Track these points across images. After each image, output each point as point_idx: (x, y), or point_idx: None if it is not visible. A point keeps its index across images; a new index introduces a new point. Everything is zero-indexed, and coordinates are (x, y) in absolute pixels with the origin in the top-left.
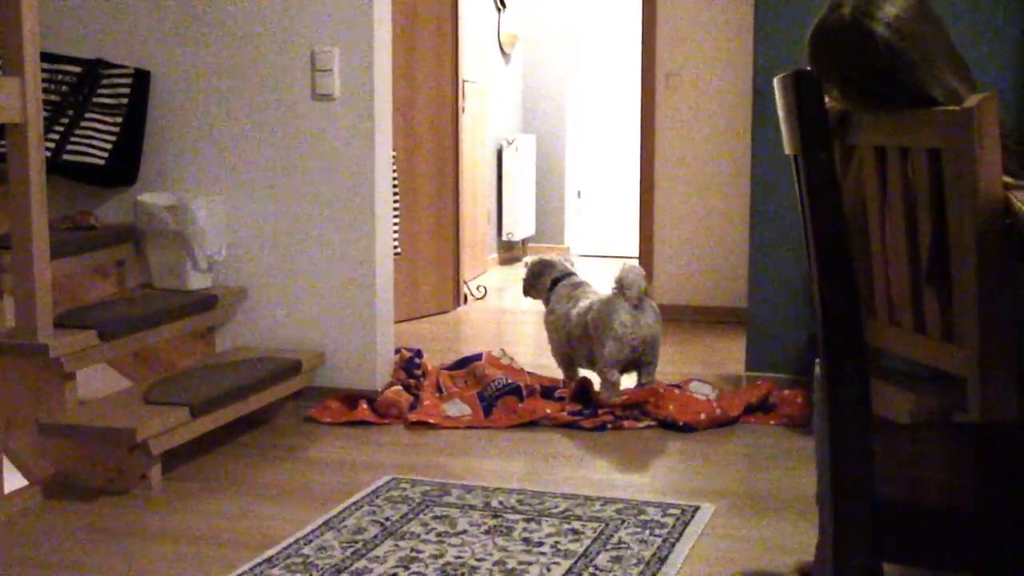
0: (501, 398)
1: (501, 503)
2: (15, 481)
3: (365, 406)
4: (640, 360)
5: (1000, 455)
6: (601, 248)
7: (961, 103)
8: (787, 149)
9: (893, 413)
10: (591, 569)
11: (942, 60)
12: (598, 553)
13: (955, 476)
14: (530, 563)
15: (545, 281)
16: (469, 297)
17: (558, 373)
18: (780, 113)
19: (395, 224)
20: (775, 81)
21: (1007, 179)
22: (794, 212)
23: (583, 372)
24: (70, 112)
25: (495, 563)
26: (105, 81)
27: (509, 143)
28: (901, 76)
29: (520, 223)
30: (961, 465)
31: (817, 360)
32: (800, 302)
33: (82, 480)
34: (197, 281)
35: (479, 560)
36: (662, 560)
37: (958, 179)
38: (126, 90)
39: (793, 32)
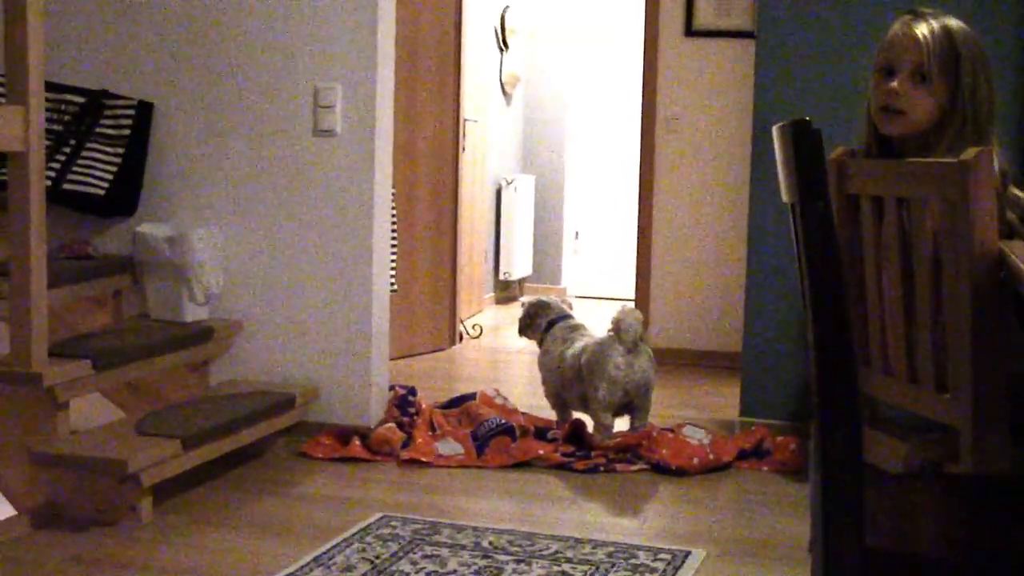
0: (494, 438)
1: (491, 543)
2: (4, 510)
3: (358, 442)
4: (633, 404)
5: (992, 507)
6: (597, 289)
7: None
8: (784, 197)
9: (885, 462)
10: None
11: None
12: None
13: (946, 527)
14: None
15: (541, 322)
16: (465, 336)
17: (552, 414)
18: (778, 161)
19: (392, 261)
20: (774, 129)
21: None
22: (790, 259)
23: (576, 414)
24: (72, 142)
25: None
26: (108, 112)
27: (508, 183)
28: (976, 78)
29: (517, 263)
30: (953, 516)
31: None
32: (795, 348)
33: (72, 510)
34: (193, 313)
35: None
36: None
37: (953, 231)
38: (129, 121)
39: (792, 79)
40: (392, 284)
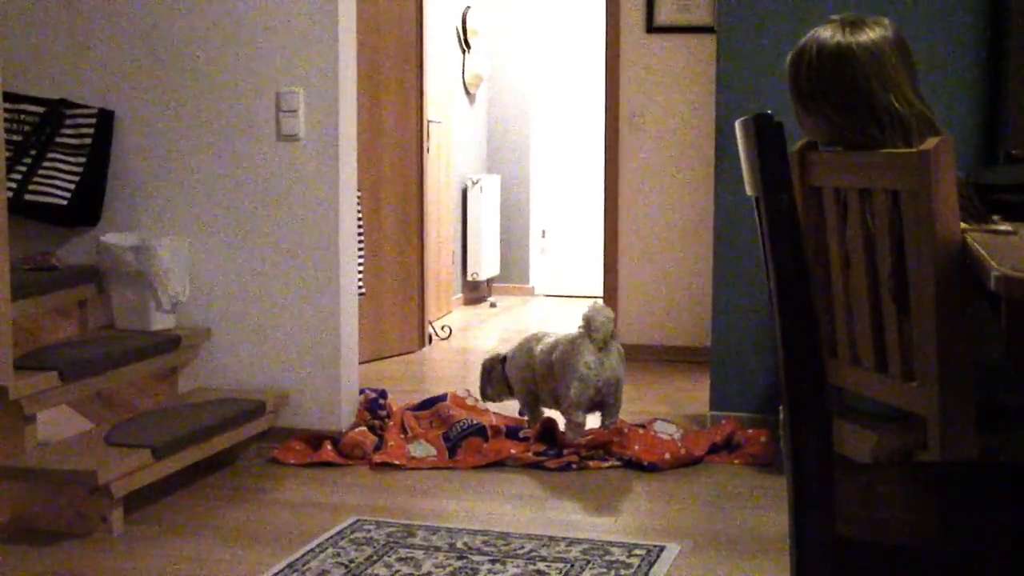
0: (466, 438)
1: (466, 544)
2: None
3: (329, 447)
4: (604, 402)
5: (961, 494)
6: (566, 288)
7: (919, 112)
8: (748, 191)
9: (855, 452)
10: None
11: (907, 83)
12: None
13: (916, 515)
14: None
15: (498, 375)
16: (434, 337)
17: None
18: (741, 155)
19: (360, 264)
20: (736, 124)
21: (963, 224)
22: (756, 252)
23: (548, 412)
24: (33, 152)
25: None
26: (69, 121)
27: (474, 183)
28: (871, 87)
29: (485, 263)
30: (922, 504)
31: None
32: (764, 341)
33: (42, 524)
34: (160, 322)
35: None
36: None
37: (916, 220)
38: (90, 130)
39: (754, 74)
40: (360, 287)
